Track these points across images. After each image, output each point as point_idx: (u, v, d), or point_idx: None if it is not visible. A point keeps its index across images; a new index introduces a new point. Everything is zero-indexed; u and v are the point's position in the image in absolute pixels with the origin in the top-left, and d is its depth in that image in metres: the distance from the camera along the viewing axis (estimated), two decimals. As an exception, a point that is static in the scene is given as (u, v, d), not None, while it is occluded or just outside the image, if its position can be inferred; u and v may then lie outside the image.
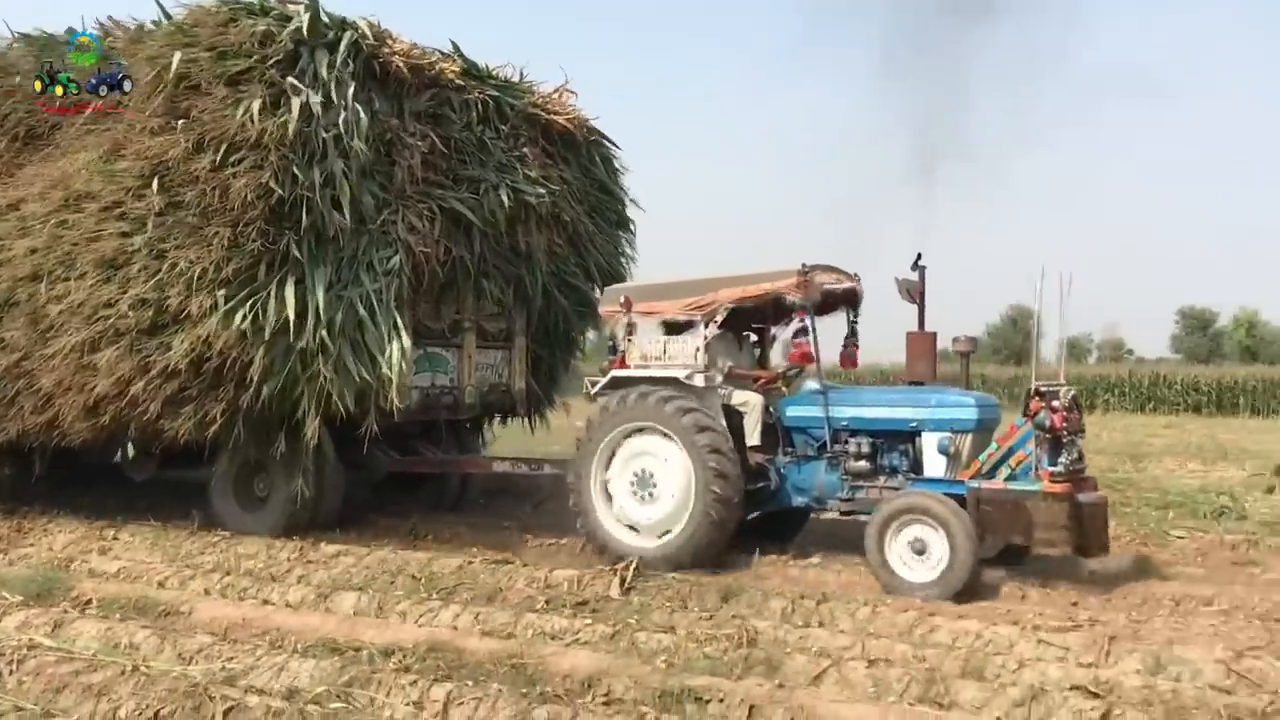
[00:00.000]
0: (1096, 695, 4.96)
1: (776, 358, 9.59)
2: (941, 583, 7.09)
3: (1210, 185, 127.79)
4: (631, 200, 11.60)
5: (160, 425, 8.54)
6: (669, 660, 5.66)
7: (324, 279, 8.29)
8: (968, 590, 7.03)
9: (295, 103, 8.08)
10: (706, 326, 8.45)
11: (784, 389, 8.82)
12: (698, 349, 8.46)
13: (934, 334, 8.73)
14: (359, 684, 5.23)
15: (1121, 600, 7.15)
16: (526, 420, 11.60)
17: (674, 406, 8.15)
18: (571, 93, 10.87)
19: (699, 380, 8.32)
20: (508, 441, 12.81)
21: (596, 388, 8.84)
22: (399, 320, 8.57)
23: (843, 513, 8.30)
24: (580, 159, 10.90)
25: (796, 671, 5.42)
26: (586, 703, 5.05)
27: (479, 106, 9.69)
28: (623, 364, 8.78)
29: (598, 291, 10.97)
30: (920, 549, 7.26)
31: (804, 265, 8.14)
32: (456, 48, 9.92)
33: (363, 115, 8.48)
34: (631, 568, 7.39)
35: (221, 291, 8.02)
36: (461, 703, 4.96)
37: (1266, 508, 11.35)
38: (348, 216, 8.36)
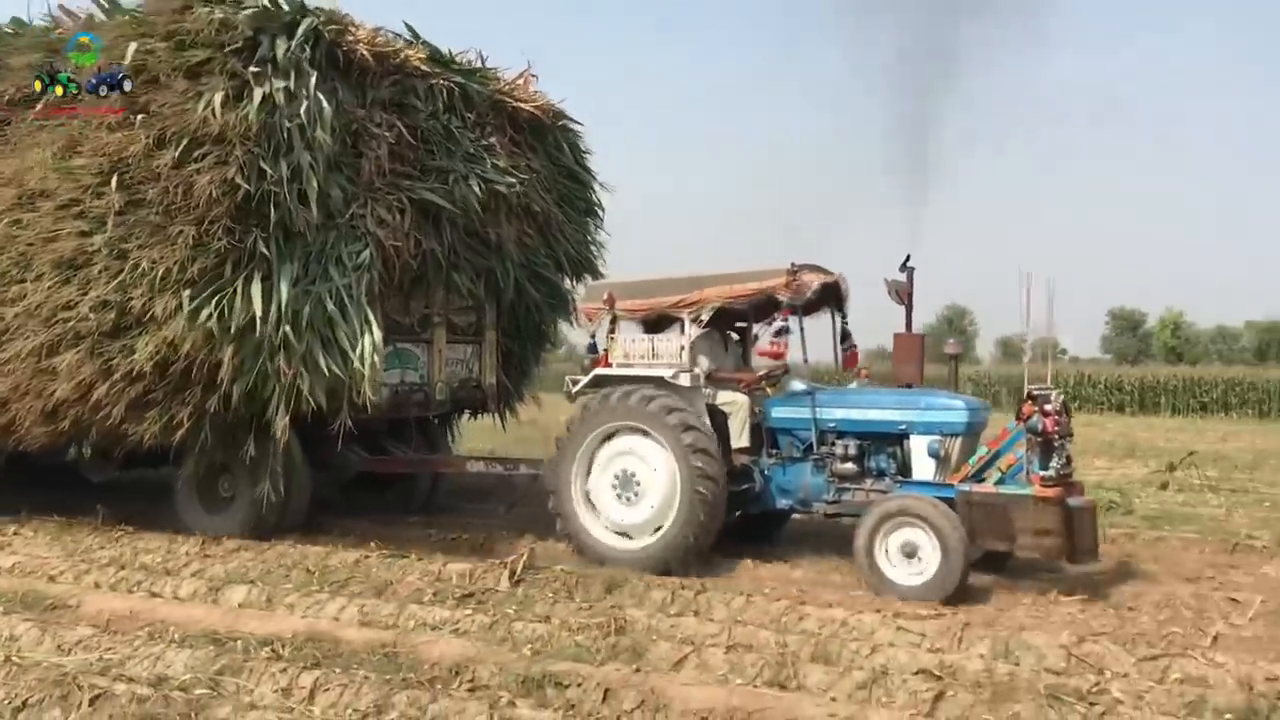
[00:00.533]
0: (937, 677, 5.25)
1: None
2: (932, 586, 7.04)
3: (1148, 191, 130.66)
4: (600, 184, 11.35)
5: (124, 430, 8.27)
6: (537, 648, 5.81)
7: (289, 275, 8.01)
8: (958, 593, 7.00)
9: (258, 93, 7.77)
10: (692, 324, 8.34)
11: (768, 390, 8.70)
12: (682, 347, 8.33)
13: (922, 336, 8.71)
14: (230, 672, 5.35)
15: (988, 590, 7.42)
16: (497, 416, 11.40)
17: (658, 405, 7.99)
18: (534, 76, 10.61)
19: (684, 379, 8.18)
20: (476, 438, 12.71)
21: (577, 386, 8.67)
22: (370, 315, 8.34)
23: (828, 515, 8.21)
24: (547, 145, 10.64)
25: (660, 657, 5.63)
26: (451, 689, 5.20)
27: (444, 94, 9.40)
28: (605, 362, 8.61)
29: (569, 282, 10.90)
30: (910, 552, 7.20)
31: (793, 264, 8.06)
32: (414, 33, 9.58)
33: (326, 105, 8.18)
34: (522, 561, 7.43)
35: (187, 291, 7.72)
36: (327, 689, 5.10)
37: (1156, 503, 11.78)
38: (315, 210, 8.09)
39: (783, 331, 8.14)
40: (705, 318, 8.34)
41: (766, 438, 8.50)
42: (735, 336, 9.44)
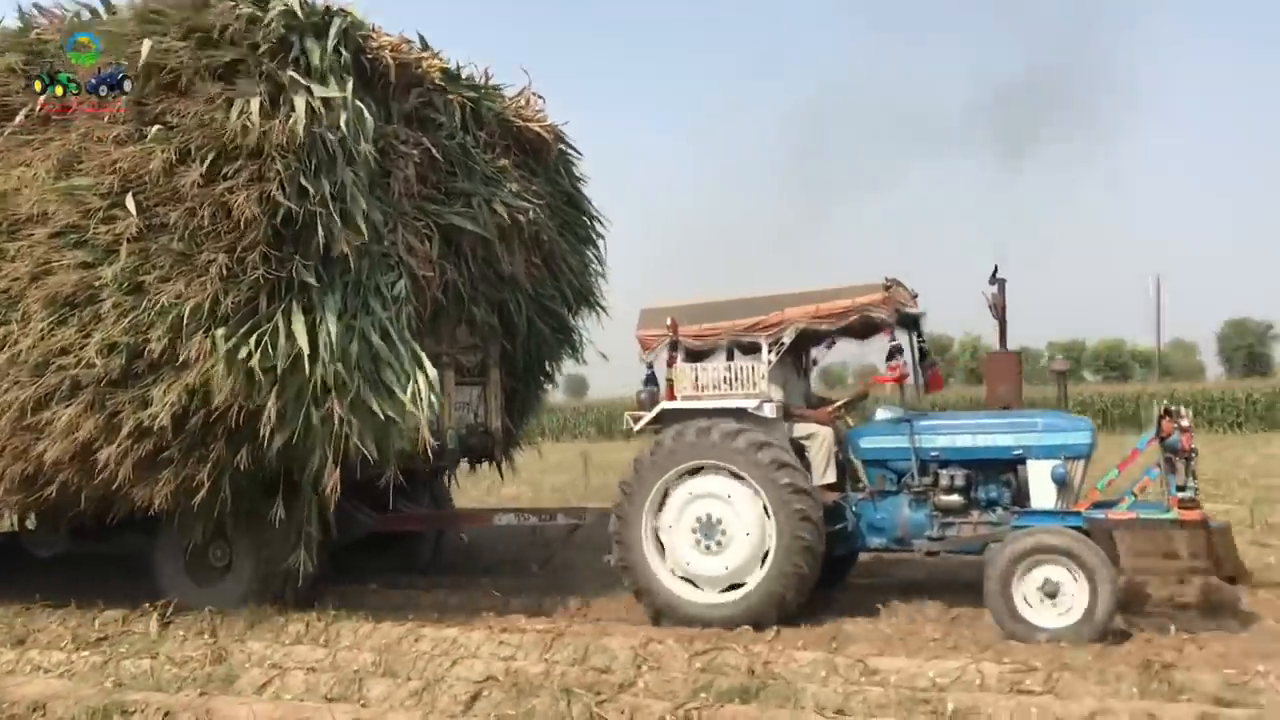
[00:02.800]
0: (492, 679, 5.93)
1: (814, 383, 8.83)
2: (1081, 627, 6.43)
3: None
4: (596, 213, 10.56)
5: (130, 494, 7.08)
6: (122, 681, 6.30)
7: (335, 306, 7.02)
8: (1106, 633, 6.44)
9: (299, 101, 6.82)
10: (771, 350, 7.62)
11: (848, 420, 8.10)
12: (763, 375, 7.58)
13: (1019, 354, 8.02)
14: None
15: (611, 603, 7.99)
16: (496, 464, 10.33)
17: (746, 441, 7.23)
18: (539, 97, 9.74)
19: (768, 410, 7.43)
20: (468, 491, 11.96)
21: (641, 423, 7.83)
22: (417, 350, 7.41)
23: (929, 554, 7.56)
24: (548, 169, 9.82)
25: (249, 682, 6.16)
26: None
27: (461, 110, 8.60)
28: (670, 395, 7.83)
29: (571, 316, 10.15)
30: (1052, 591, 6.58)
31: (888, 279, 7.44)
32: (425, 42, 8.65)
33: (367, 115, 7.31)
34: (170, 606, 7.64)
35: (220, 330, 6.68)
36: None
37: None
38: (365, 232, 7.16)
39: (896, 352, 7.46)
40: (788, 341, 7.63)
41: (855, 471, 7.80)
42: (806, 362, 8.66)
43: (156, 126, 6.92)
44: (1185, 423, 6.80)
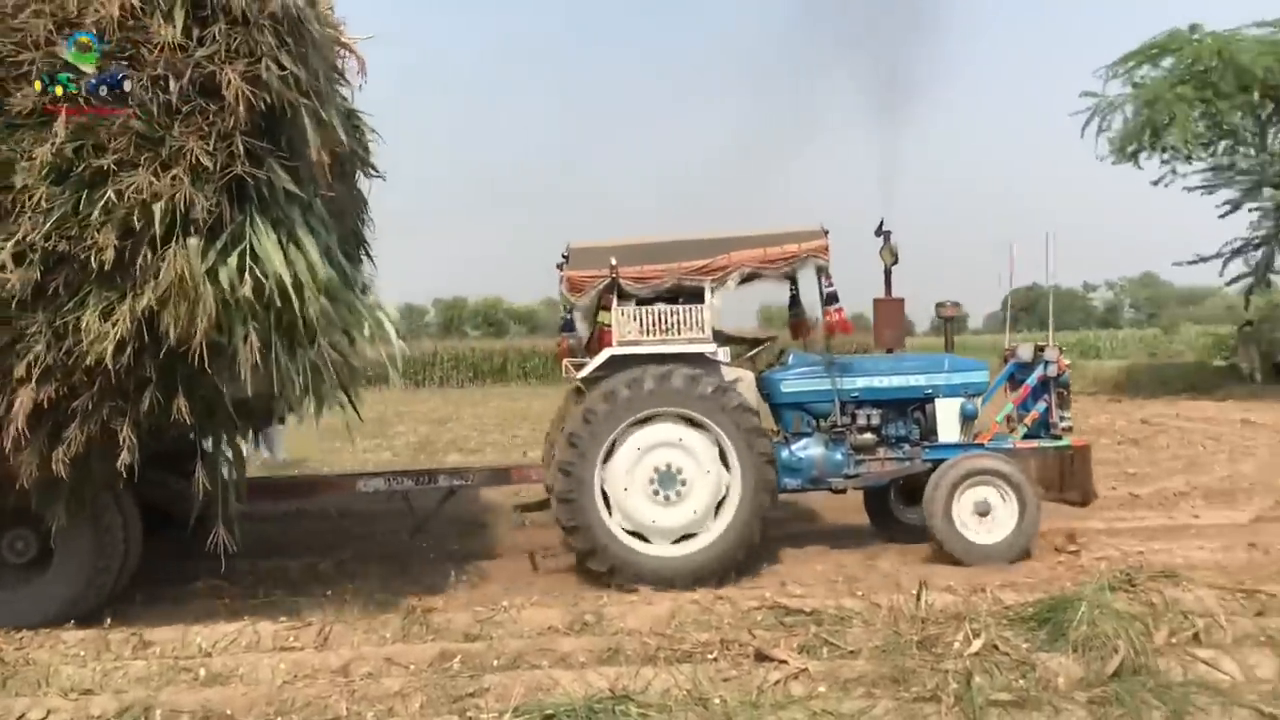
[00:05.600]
0: None
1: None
2: (1010, 543, 7.33)
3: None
4: None
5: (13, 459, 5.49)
6: None
7: (305, 226, 5.87)
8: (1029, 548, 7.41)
9: None
10: (714, 293, 7.55)
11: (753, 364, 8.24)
12: (708, 320, 7.49)
13: (903, 299, 8.52)
14: None
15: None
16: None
17: (710, 387, 7.16)
18: None
19: (723, 355, 7.47)
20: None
21: (587, 369, 7.42)
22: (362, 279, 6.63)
23: (837, 490, 7.98)
24: None
25: None
26: None
27: None
28: (604, 340, 7.56)
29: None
30: (984, 511, 7.39)
31: (823, 226, 7.63)
32: None
33: None
34: None
35: (193, 240, 5.35)
36: None
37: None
38: (342, 137, 6.18)
39: (834, 299, 7.65)
40: (733, 285, 7.62)
41: (773, 414, 8.09)
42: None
43: None
44: (1066, 360, 7.90)
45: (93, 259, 5.25)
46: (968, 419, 7.89)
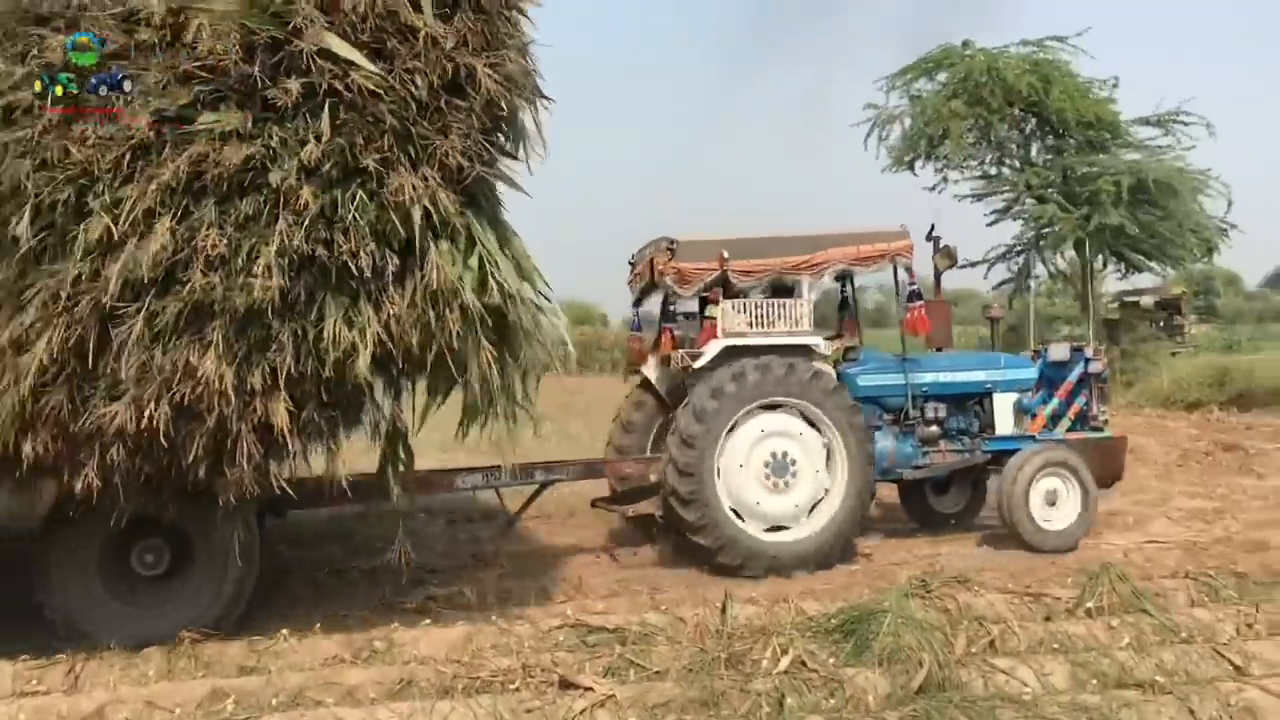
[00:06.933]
0: None
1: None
2: (1073, 531, 7.85)
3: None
4: None
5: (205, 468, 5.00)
6: None
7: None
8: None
9: None
10: (811, 289, 7.91)
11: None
12: (806, 314, 7.77)
13: (951, 304, 9.13)
14: None
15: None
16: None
17: (826, 381, 7.54)
18: None
19: (825, 349, 7.72)
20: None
21: (702, 359, 7.61)
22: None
23: (906, 480, 8.36)
24: None
25: None
26: None
27: None
28: (711, 332, 7.82)
29: None
30: (1052, 500, 7.86)
31: (903, 226, 8.06)
32: None
33: None
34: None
35: (445, 245, 5.18)
36: None
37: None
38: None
39: (917, 296, 8.06)
40: (828, 281, 8.05)
41: None
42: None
43: None
44: (1105, 358, 8.58)
45: (350, 264, 4.88)
46: (1023, 413, 8.41)
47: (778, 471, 7.43)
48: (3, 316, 4.77)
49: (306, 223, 4.81)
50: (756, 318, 7.72)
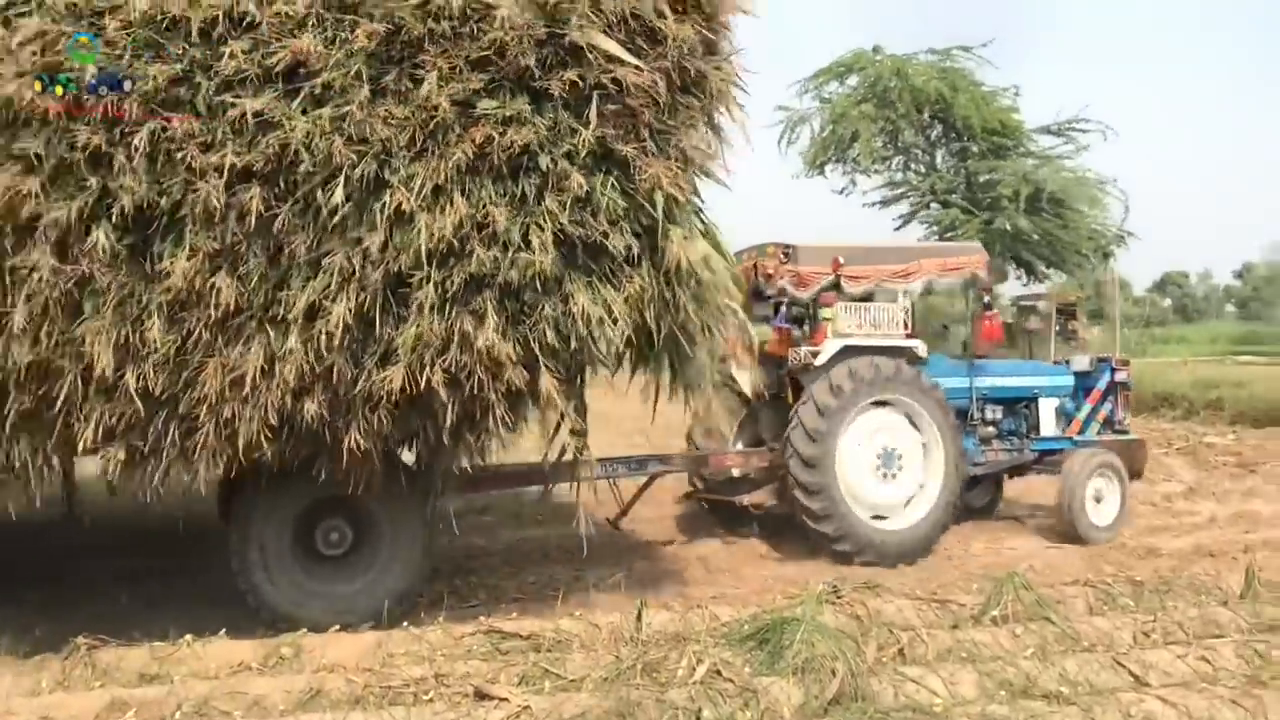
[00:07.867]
0: None
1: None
2: (1115, 526, 8.58)
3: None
4: None
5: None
6: None
7: None
8: None
9: None
10: (905, 295, 8.59)
11: None
12: (903, 320, 8.51)
13: (999, 314, 9.54)
14: None
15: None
16: None
17: (930, 381, 8.24)
18: None
19: (923, 352, 8.44)
20: None
21: (821, 356, 8.21)
22: None
23: (971, 478, 8.89)
24: None
25: None
26: None
27: None
28: (822, 333, 8.43)
29: None
30: (1099, 498, 8.50)
31: (981, 242, 8.57)
32: None
33: None
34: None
35: (678, 228, 5.70)
36: None
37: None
38: None
39: (991, 306, 8.71)
40: (918, 289, 8.51)
41: None
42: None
43: None
44: (1129, 366, 9.25)
45: (603, 244, 5.37)
46: (1065, 416, 9.05)
47: (887, 463, 8.17)
48: (298, 284, 5.14)
49: (569, 204, 5.28)
50: (866, 321, 8.47)
